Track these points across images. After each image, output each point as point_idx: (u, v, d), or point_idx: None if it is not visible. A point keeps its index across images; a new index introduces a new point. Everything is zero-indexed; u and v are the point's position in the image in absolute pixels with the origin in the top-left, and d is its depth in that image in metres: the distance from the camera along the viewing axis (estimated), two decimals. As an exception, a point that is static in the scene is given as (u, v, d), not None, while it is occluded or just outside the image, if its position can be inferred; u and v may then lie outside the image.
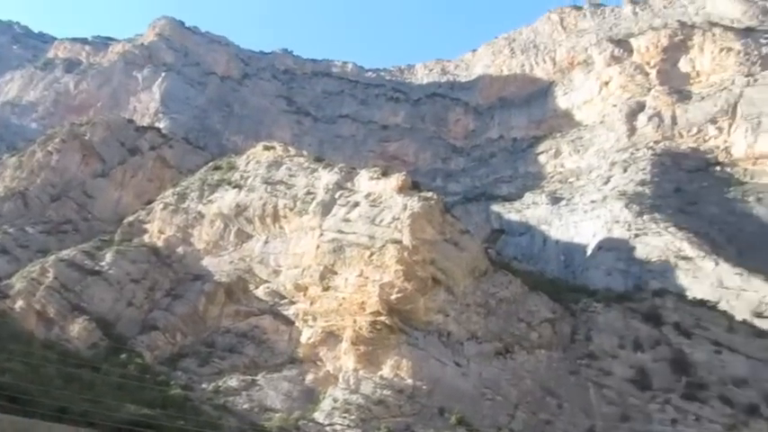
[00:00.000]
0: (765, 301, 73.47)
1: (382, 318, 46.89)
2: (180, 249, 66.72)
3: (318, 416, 42.19)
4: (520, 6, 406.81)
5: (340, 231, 53.84)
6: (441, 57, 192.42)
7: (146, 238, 69.51)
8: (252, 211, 63.04)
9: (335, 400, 43.55)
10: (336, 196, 58.20)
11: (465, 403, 42.81)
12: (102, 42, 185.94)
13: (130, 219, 74.90)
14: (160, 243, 67.95)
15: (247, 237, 63.02)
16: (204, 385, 47.68)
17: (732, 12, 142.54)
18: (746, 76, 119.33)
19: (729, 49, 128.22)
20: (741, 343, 52.28)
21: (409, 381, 44.21)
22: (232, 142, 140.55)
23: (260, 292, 57.67)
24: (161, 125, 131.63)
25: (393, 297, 47.48)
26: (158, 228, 70.14)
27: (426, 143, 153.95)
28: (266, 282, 58.13)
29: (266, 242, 60.95)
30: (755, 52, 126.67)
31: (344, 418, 41.38)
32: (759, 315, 70.82)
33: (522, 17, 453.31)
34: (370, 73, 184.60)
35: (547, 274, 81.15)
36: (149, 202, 78.52)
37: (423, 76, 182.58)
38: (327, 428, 40.20)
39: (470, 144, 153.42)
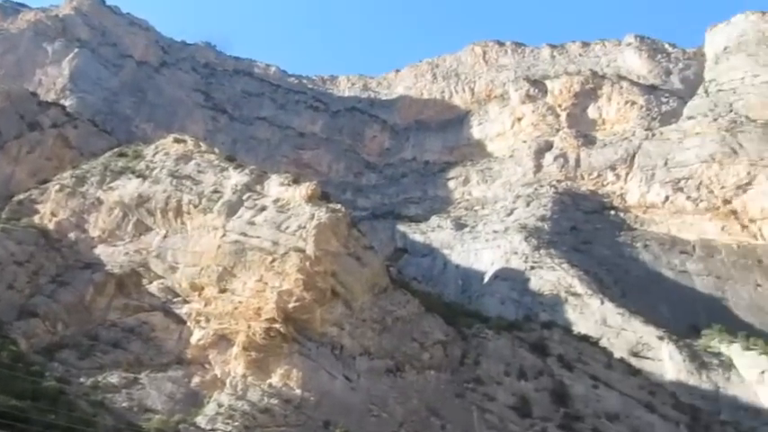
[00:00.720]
0: (642, 342, 78.05)
1: (277, 325, 46.42)
2: (72, 235, 63.53)
3: (201, 420, 41.11)
4: (446, 33, 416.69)
5: (243, 234, 53.01)
6: (365, 72, 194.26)
7: (36, 219, 65.72)
8: (154, 204, 61.00)
9: (220, 405, 42.61)
10: (244, 198, 57.31)
11: (351, 418, 42.92)
12: (13, 8, 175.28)
13: (21, 197, 70.67)
14: (51, 226, 64.45)
15: (146, 229, 60.89)
16: (82, 379, 45.42)
17: (639, 68, 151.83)
18: (646, 129, 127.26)
19: (633, 103, 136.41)
20: (617, 379, 55.27)
21: (298, 391, 43.89)
22: (141, 130, 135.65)
23: (153, 287, 55.74)
24: (67, 103, 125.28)
25: (290, 305, 47.14)
26: (51, 210, 66.53)
27: (341, 155, 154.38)
28: (161, 277, 56.28)
29: (165, 237, 59.08)
30: (656, 109, 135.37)
31: (227, 424, 40.54)
32: (635, 354, 75.10)
33: (447, 44, 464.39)
34: (292, 78, 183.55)
35: (444, 297, 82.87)
36: (44, 182, 74.35)
37: (345, 88, 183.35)
38: (208, 434, 39.22)
39: (384, 162, 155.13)
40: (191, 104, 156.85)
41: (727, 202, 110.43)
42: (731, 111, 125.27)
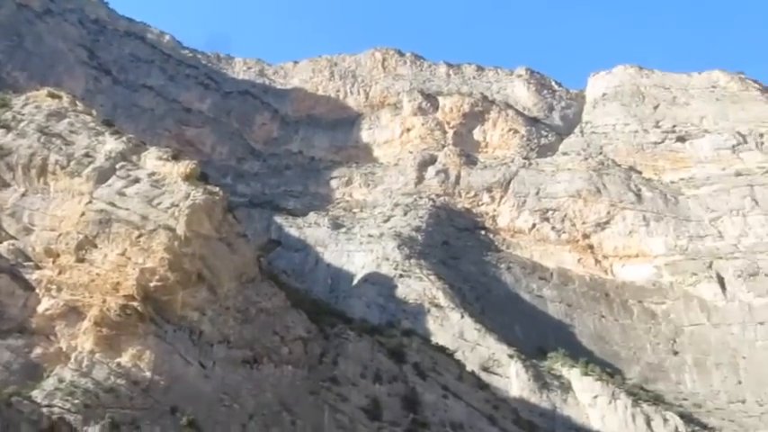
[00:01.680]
0: (494, 358, 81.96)
1: (135, 303, 44.48)
2: None
3: (37, 394, 38.54)
4: (349, 33, 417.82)
5: (112, 204, 50.35)
6: (262, 57, 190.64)
7: None
8: (16, 158, 56.59)
9: (61, 381, 40.16)
10: (117, 167, 54.45)
11: (200, 406, 41.91)
12: None
13: None
14: None
15: (3, 184, 56.42)
16: None
17: (526, 100, 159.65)
18: (524, 158, 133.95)
19: (516, 132, 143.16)
20: (465, 391, 57.70)
21: (148, 373, 42.25)
22: (13, 78, 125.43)
23: (2, 247, 51.69)
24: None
25: (152, 284, 45.34)
26: None
27: (226, 138, 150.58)
28: (13, 238, 52.28)
29: (24, 195, 54.94)
30: (535, 140, 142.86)
31: (66, 401, 38.27)
32: (486, 369, 78.76)
33: (348, 44, 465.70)
34: (186, 51, 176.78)
35: (311, 295, 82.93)
36: None
37: (240, 71, 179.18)
38: (44, 410, 36.81)
39: (269, 151, 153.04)
40: (72, 60, 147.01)
41: (586, 236, 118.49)
42: (601, 153, 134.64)
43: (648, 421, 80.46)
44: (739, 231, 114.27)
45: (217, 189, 54.21)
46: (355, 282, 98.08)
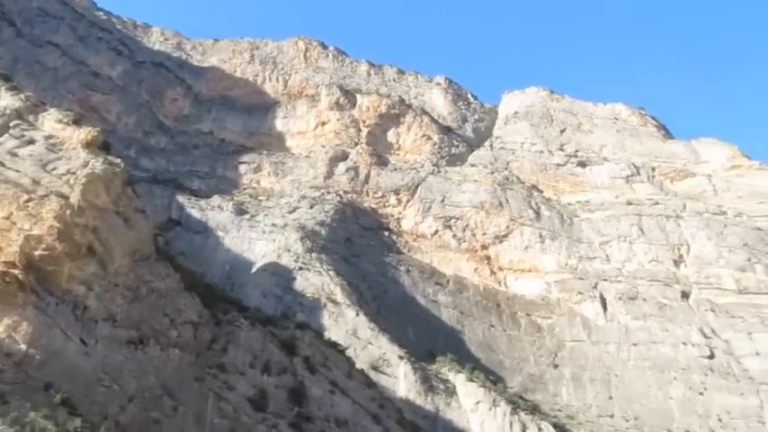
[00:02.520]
0: (384, 358, 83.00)
1: (16, 271, 41.91)
2: None
3: None
4: (272, 18, 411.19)
5: (1, 164, 47.31)
6: (181, 30, 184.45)
7: None
8: None
9: (-77, 347, 37.32)
10: (11, 125, 51.17)
11: (77, 384, 40.06)
12: None
13: None
14: None
15: None
16: None
17: (441, 108, 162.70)
18: (433, 165, 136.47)
19: (429, 138, 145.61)
20: (353, 389, 58.11)
21: (22, 346, 39.92)
22: None
23: None
24: None
25: (37, 253, 42.86)
26: None
27: (134, 109, 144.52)
28: None
29: None
30: (446, 148, 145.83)
31: (-73, 368, 35.63)
32: (375, 368, 79.64)
33: (270, 29, 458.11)
34: (101, 13, 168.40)
35: (207, 279, 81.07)
36: None
37: (157, 41, 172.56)
38: None
39: (179, 128, 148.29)
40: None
41: (484, 247, 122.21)
42: (507, 168, 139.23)
43: (524, 429, 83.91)
44: (624, 257, 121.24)
45: (118, 161, 51.93)
46: (254, 270, 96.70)
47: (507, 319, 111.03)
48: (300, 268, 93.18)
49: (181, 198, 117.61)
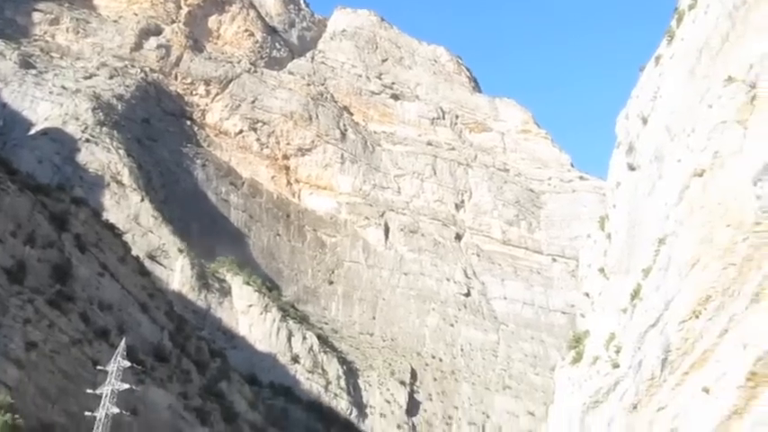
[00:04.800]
0: (163, 248, 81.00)
1: None
2: None
3: None
4: None
5: None
6: None
7: None
8: None
9: None
10: None
11: None
12: None
13: None
14: None
15: None
16: None
17: (271, 8, 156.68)
18: (251, 63, 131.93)
19: (252, 35, 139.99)
20: (124, 274, 56.06)
21: None
22: None
23: None
24: None
25: None
26: None
27: None
28: None
29: None
30: (267, 50, 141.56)
31: None
32: (152, 258, 77.57)
33: None
34: None
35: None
36: None
37: None
38: None
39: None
40: None
41: (285, 157, 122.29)
42: (323, 84, 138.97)
43: (290, 337, 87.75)
44: (414, 192, 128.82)
45: None
46: (32, 132, 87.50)
47: (294, 230, 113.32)
48: (87, 140, 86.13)
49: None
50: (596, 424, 31.02)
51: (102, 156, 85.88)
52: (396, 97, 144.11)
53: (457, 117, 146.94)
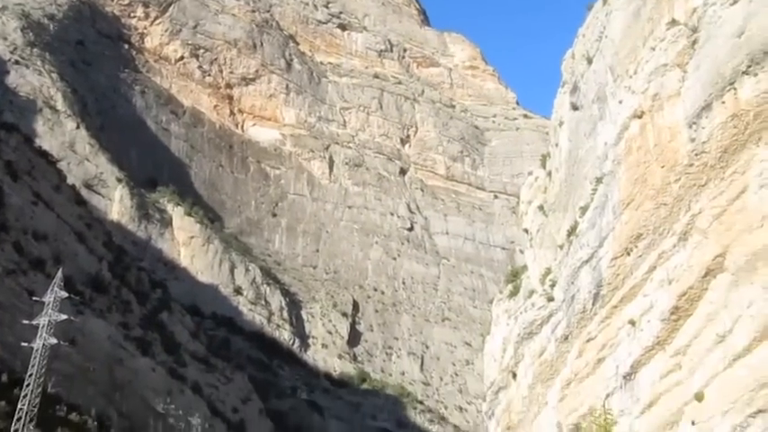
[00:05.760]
0: (101, 178, 78.78)
1: None
2: None
3: None
4: None
5: None
6: None
7: None
8: None
9: None
10: None
11: None
12: None
13: None
14: None
15: None
16: None
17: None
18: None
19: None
20: (60, 203, 54.39)
21: None
22: None
23: None
24: None
25: None
26: None
27: None
28: None
29: None
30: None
31: None
32: (89, 186, 75.46)
33: None
34: None
35: None
36: None
37: None
38: None
39: None
40: None
41: (229, 86, 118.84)
42: (269, 11, 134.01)
43: (232, 269, 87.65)
44: (359, 126, 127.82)
45: None
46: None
47: (237, 161, 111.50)
48: (17, 62, 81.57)
49: None
50: (529, 353, 32.43)
51: (34, 79, 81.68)
52: (343, 27, 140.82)
53: (405, 51, 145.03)
